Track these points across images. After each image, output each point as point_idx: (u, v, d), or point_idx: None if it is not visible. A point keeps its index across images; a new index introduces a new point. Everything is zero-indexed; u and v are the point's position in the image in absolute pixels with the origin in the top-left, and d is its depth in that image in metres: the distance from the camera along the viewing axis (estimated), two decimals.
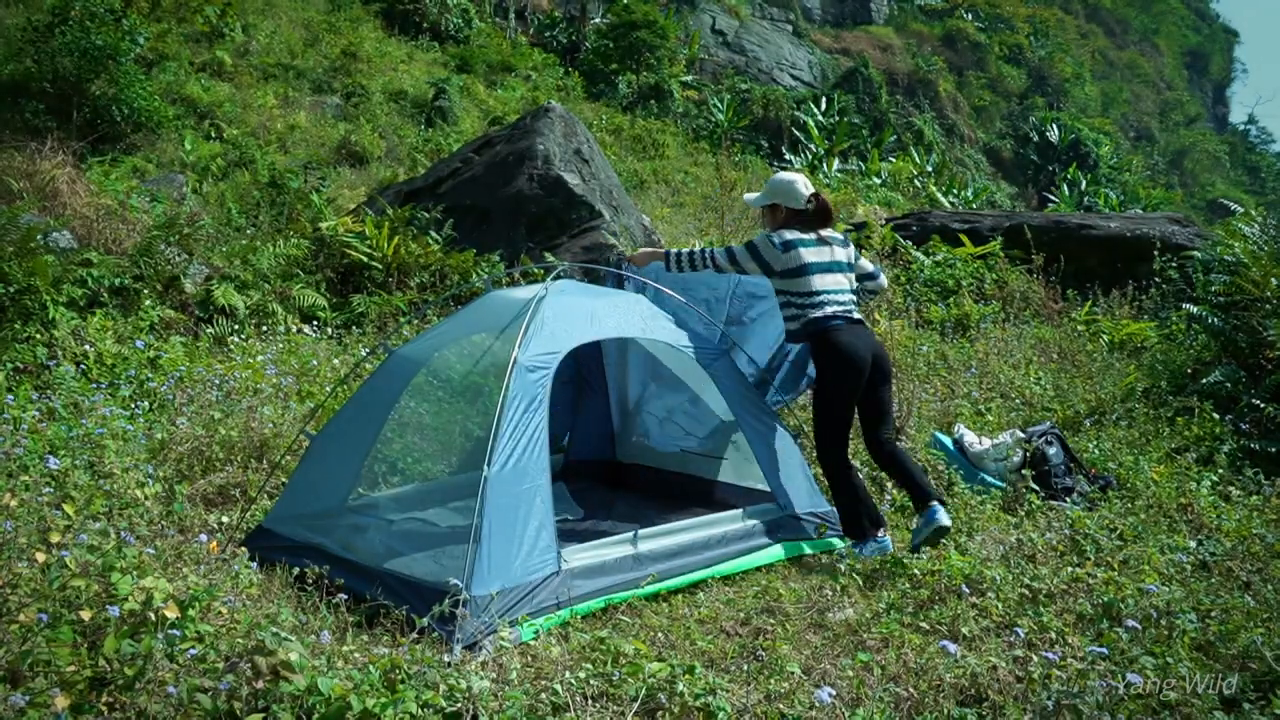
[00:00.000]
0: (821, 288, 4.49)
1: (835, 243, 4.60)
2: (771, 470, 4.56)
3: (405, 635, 3.02)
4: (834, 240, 4.61)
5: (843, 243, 4.66)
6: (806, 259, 4.49)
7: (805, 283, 4.49)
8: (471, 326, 4.40)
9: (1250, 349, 6.09)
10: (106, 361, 6.33)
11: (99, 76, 11.15)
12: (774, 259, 4.52)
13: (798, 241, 4.50)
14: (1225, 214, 20.23)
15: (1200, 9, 63.22)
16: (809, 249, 4.51)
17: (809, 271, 4.48)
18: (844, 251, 4.63)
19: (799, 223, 4.59)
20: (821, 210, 4.64)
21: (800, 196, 4.65)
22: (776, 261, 4.51)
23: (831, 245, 4.57)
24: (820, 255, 4.53)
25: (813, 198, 4.64)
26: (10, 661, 2.40)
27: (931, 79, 34.27)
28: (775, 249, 4.52)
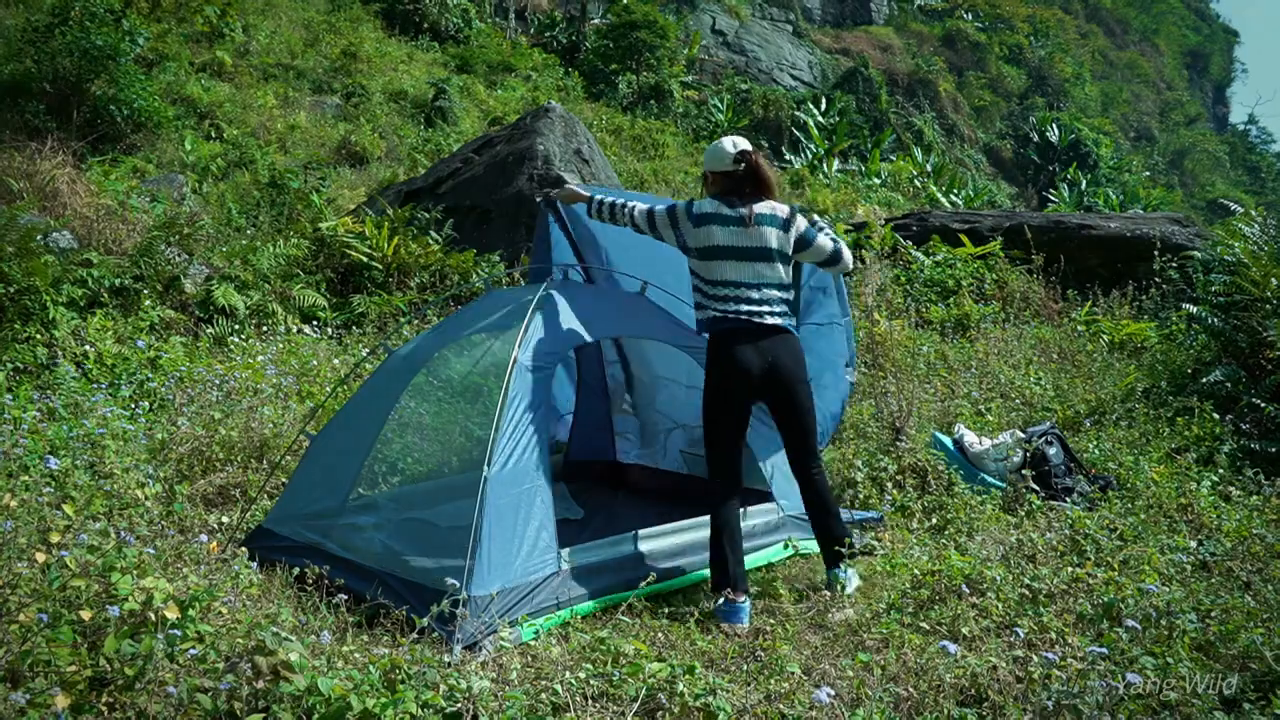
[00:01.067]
0: (730, 278, 3.73)
1: (768, 222, 3.74)
2: (771, 470, 4.55)
3: (405, 635, 3.02)
4: (766, 219, 3.75)
5: (782, 223, 3.77)
6: (717, 239, 3.73)
7: (712, 269, 3.75)
8: (471, 326, 4.40)
9: (1250, 349, 6.09)
10: (107, 362, 6.33)
11: (99, 76, 11.15)
12: (687, 232, 3.81)
13: (713, 216, 3.75)
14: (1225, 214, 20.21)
15: (1200, 9, 63.22)
16: (724, 228, 3.73)
17: (718, 255, 3.73)
18: (779, 235, 3.75)
19: (728, 190, 3.80)
20: (753, 174, 3.78)
21: (725, 156, 3.80)
22: (689, 235, 3.80)
23: (761, 226, 3.73)
24: (737, 238, 3.72)
25: (743, 157, 3.79)
26: (10, 661, 2.40)
27: (931, 79, 34.27)
28: (689, 219, 3.80)
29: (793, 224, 3.78)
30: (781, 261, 3.76)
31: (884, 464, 5.26)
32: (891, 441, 5.54)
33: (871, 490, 5.16)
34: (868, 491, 5.15)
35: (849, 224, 12.17)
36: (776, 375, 3.71)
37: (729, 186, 3.80)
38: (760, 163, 3.79)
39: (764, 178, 3.79)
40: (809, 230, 3.82)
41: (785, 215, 3.77)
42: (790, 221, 3.78)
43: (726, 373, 3.70)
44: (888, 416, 5.78)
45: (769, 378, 3.71)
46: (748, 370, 3.68)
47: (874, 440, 5.80)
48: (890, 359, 7.52)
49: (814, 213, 4.29)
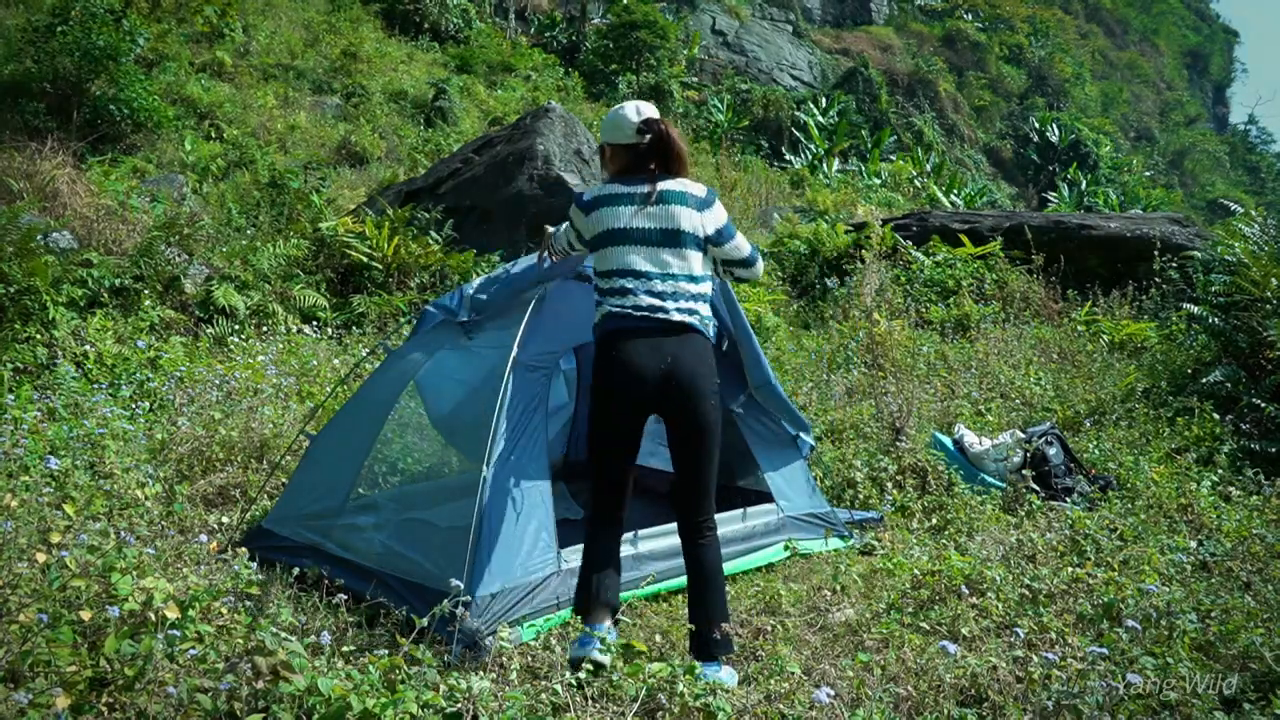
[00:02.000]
0: (626, 266, 3.07)
1: (677, 200, 3.09)
2: (771, 471, 4.55)
3: (405, 635, 3.02)
4: (676, 196, 3.10)
5: (698, 202, 3.12)
6: (611, 222, 3.10)
7: (607, 257, 3.12)
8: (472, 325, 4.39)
9: (1250, 349, 6.09)
10: (107, 362, 6.33)
11: (99, 77, 11.15)
12: (581, 226, 3.22)
13: (607, 198, 3.13)
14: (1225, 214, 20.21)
15: (1200, 9, 63.23)
16: (620, 208, 3.09)
17: (613, 240, 3.10)
18: (691, 216, 3.09)
19: (630, 167, 3.17)
20: (660, 145, 3.13)
21: (626, 126, 3.15)
22: (583, 228, 3.21)
23: (669, 205, 3.08)
24: (636, 219, 3.07)
25: (648, 126, 3.13)
26: (10, 661, 2.40)
27: (931, 79, 34.27)
28: (581, 210, 3.20)
29: (712, 206, 3.14)
30: (694, 248, 3.10)
31: (884, 464, 5.26)
32: (891, 441, 5.55)
33: (871, 490, 5.16)
34: (868, 491, 5.15)
35: (849, 224, 12.18)
36: (675, 382, 3.00)
37: (631, 162, 3.16)
38: (670, 132, 3.13)
39: (675, 150, 3.14)
40: (729, 224, 3.20)
41: (702, 195, 3.13)
42: (707, 204, 3.13)
43: (614, 380, 3.04)
44: (888, 416, 5.78)
45: (666, 385, 3.00)
46: (640, 376, 2.99)
47: (874, 440, 5.80)
48: (890, 359, 7.52)
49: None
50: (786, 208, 16.29)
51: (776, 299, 10.29)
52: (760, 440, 4.61)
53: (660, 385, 3.01)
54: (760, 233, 13.90)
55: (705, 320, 3.13)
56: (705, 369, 3.07)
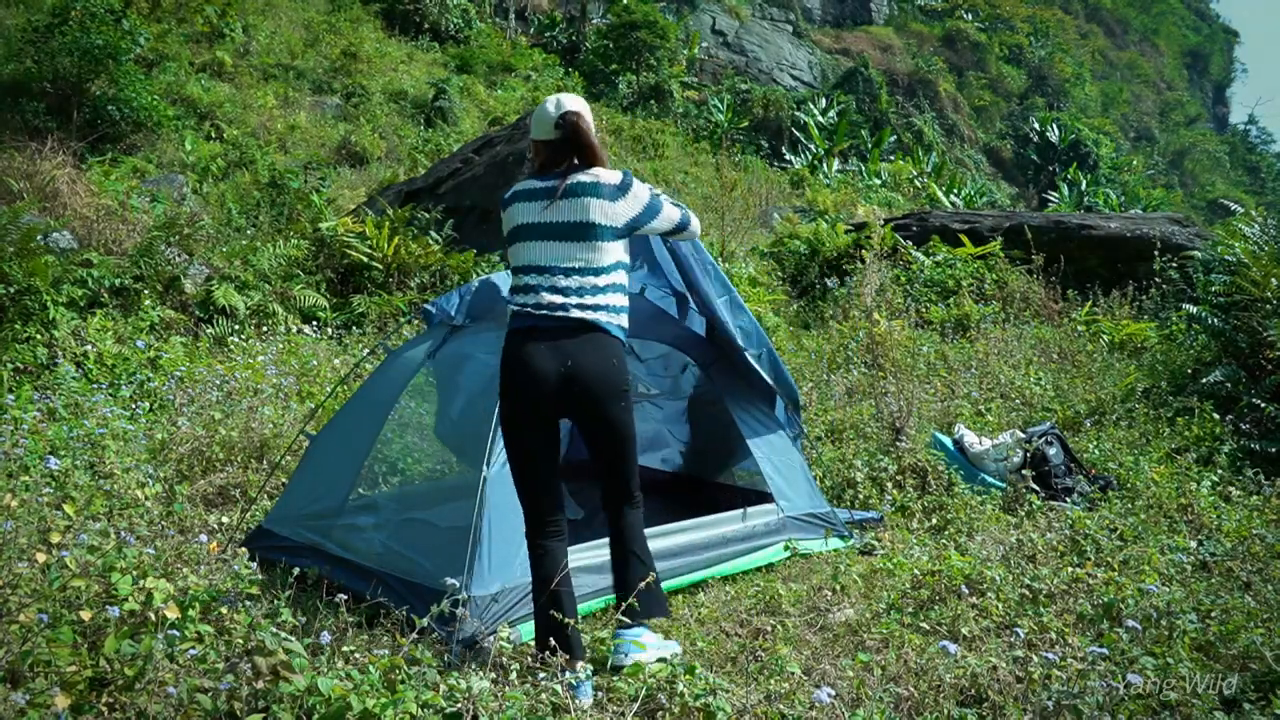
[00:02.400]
0: (531, 261, 3.02)
1: (587, 191, 2.99)
2: (771, 471, 4.55)
3: (405, 635, 3.02)
4: (585, 188, 3.00)
5: (610, 191, 3.02)
6: (520, 218, 3.05)
7: (516, 253, 3.08)
8: (471, 325, 4.39)
9: (1250, 349, 6.09)
10: (107, 362, 6.34)
11: (99, 77, 11.15)
12: (502, 223, 3.19)
13: (520, 194, 3.09)
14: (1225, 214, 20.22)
15: (1200, 9, 63.25)
16: (529, 204, 3.04)
17: (520, 236, 3.05)
18: (603, 206, 2.99)
19: (549, 162, 3.10)
20: (572, 138, 3.05)
21: (545, 121, 3.08)
22: (503, 225, 3.17)
23: (578, 198, 2.99)
24: (543, 213, 3.01)
25: (563, 121, 3.06)
26: (10, 661, 2.40)
27: (931, 79, 34.28)
28: (502, 208, 3.18)
29: (626, 193, 3.03)
30: (607, 238, 3.00)
31: (884, 464, 5.26)
32: (891, 441, 5.54)
33: (871, 490, 5.16)
34: (868, 491, 5.15)
35: (849, 224, 12.19)
36: (577, 384, 2.92)
37: (550, 157, 3.09)
38: (581, 125, 3.04)
39: (585, 143, 3.04)
40: (654, 198, 3.12)
41: (615, 182, 3.02)
42: (623, 189, 3.03)
43: (514, 382, 2.97)
44: (888, 416, 5.78)
45: (567, 388, 2.92)
46: (539, 379, 2.92)
47: (874, 440, 5.80)
48: (890, 359, 7.52)
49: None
50: (786, 208, 16.29)
51: (776, 299, 10.29)
52: (760, 440, 4.61)
53: (561, 388, 2.94)
54: (760, 233, 13.90)
55: (616, 312, 3.04)
56: (609, 367, 2.97)
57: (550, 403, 2.96)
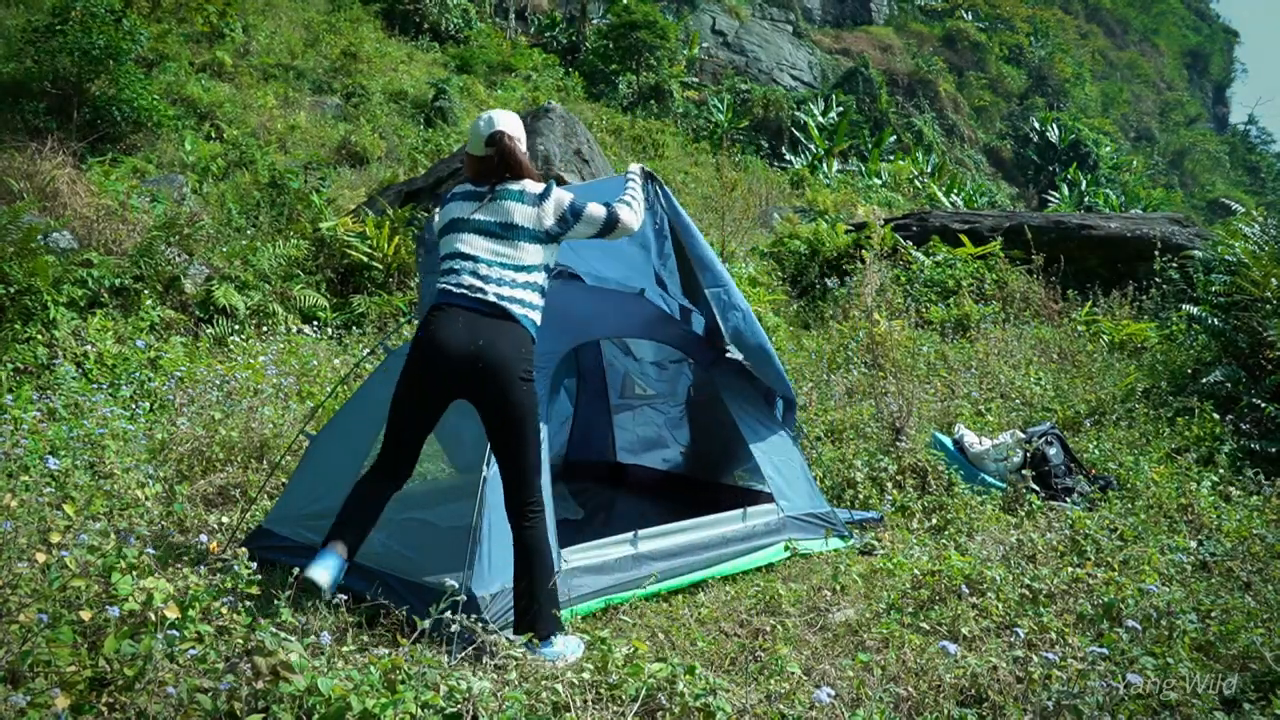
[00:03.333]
0: (457, 250, 3.28)
1: (513, 197, 3.27)
2: (771, 471, 4.55)
3: (405, 635, 3.02)
4: (512, 194, 3.28)
5: (533, 199, 3.27)
6: (452, 214, 3.35)
7: (444, 244, 3.36)
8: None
9: (1250, 349, 6.09)
10: (107, 362, 6.34)
11: (99, 77, 11.15)
12: (436, 219, 3.47)
13: (455, 195, 3.40)
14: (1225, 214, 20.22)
15: (1200, 9, 63.25)
16: (462, 203, 3.34)
17: (450, 229, 3.34)
18: (525, 210, 3.25)
19: (480, 176, 3.38)
20: (504, 160, 3.32)
21: (478, 138, 3.37)
22: (437, 221, 3.45)
23: (504, 201, 3.26)
24: (474, 211, 3.30)
25: (494, 140, 3.33)
26: (10, 661, 2.40)
27: (931, 79, 34.28)
28: (438, 207, 3.47)
29: (547, 199, 3.27)
30: (528, 240, 3.24)
31: (884, 464, 5.26)
32: (891, 441, 5.55)
33: (871, 490, 5.16)
34: (868, 491, 5.15)
35: (849, 224, 12.19)
36: (482, 364, 3.08)
37: (481, 171, 3.36)
38: (511, 146, 3.32)
39: (515, 163, 3.31)
40: (575, 201, 3.31)
41: (537, 192, 3.29)
42: (543, 197, 3.27)
43: (423, 350, 3.15)
44: (888, 416, 5.78)
45: (473, 366, 3.08)
46: (447, 352, 3.09)
47: (874, 440, 5.80)
48: (890, 359, 7.53)
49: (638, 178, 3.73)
50: (786, 208, 16.29)
51: (776, 299, 10.30)
52: (760, 440, 4.61)
53: (468, 365, 3.10)
54: (760, 233, 13.90)
55: (530, 306, 3.25)
56: (517, 355, 3.15)
57: (453, 377, 3.13)
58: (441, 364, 3.11)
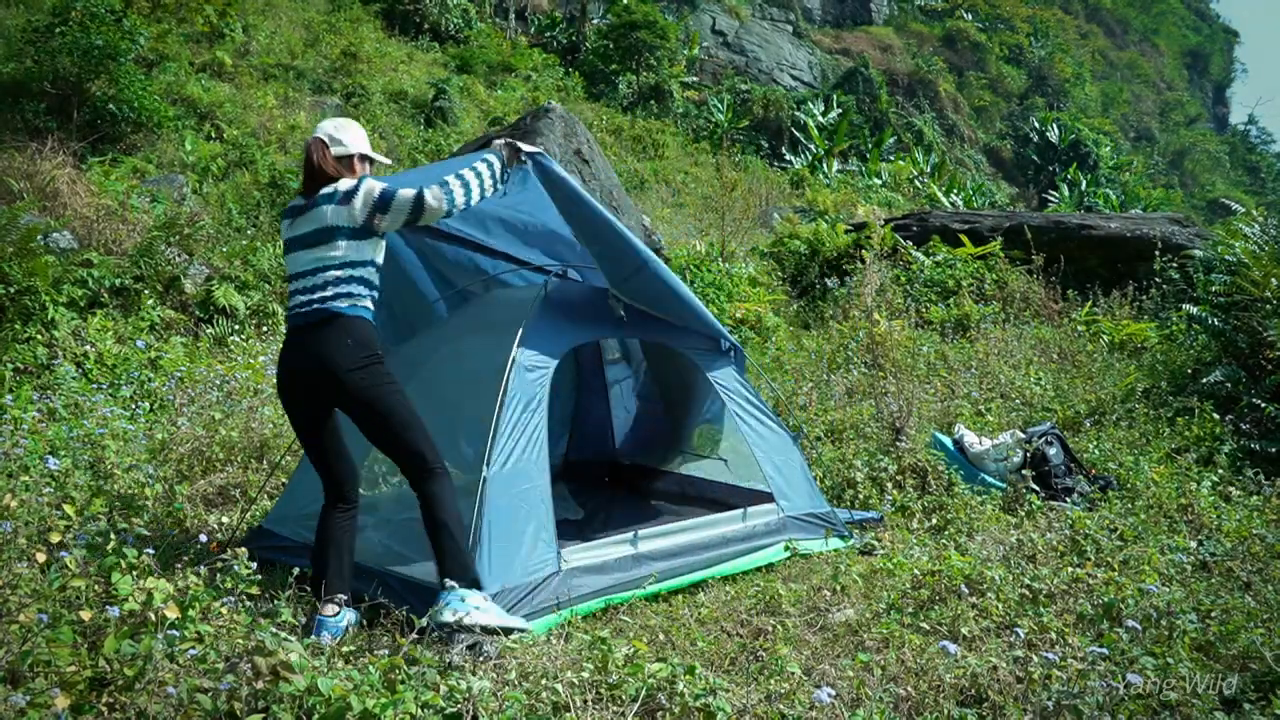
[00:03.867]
0: (293, 270, 3.35)
1: (324, 200, 3.29)
2: (772, 471, 4.55)
3: (405, 635, 3.02)
4: (324, 198, 3.30)
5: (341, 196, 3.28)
6: (284, 234, 3.43)
7: (287, 265, 3.42)
8: (471, 326, 4.40)
9: (1250, 349, 6.09)
10: (107, 362, 6.33)
11: (99, 77, 11.13)
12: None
13: (287, 210, 3.44)
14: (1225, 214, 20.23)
15: (1200, 9, 63.25)
16: (289, 221, 3.40)
17: (287, 250, 3.41)
18: (335, 209, 3.27)
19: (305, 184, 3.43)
20: (308, 167, 3.38)
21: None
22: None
23: (318, 207, 3.29)
24: (297, 227, 3.34)
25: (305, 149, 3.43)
26: (10, 661, 2.40)
27: (931, 79, 34.27)
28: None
29: (356, 194, 3.27)
30: (347, 237, 3.27)
31: (884, 464, 5.26)
32: (891, 441, 5.55)
33: (871, 490, 5.16)
34: (868, 491, 5.15)
35: (849, 224, 12.19)
36: (322, 376, 3.21)
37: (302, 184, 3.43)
38: (309, 153, 3.37)
39: (314, 170, 3.35)
40: (385, 191, 3.28)
41: (346, 188, 3.29)
42: (353, 193, 3.27)
43: (278, 381, 3.38)
44: (888, 416, 5.78)
45: (315, 381, 3.24)
46: (291, 373, 3.29)
47: (874, 440, 5.80)
48: (890, 359, 7.52)
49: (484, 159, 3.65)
50: (786, 208, 16.29)
51: (776, 299, 10.29)
52: (761, 440, 4.61)
53: (311, 382, 3.26)
54: (760, 233, 13.90)
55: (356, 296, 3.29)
56: (346, 348, 3.23)
57: (306, 394, 3.29)
58: (294, 387, 3.31)
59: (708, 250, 11.19)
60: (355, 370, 3.20)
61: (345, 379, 3.19)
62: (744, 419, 4.61)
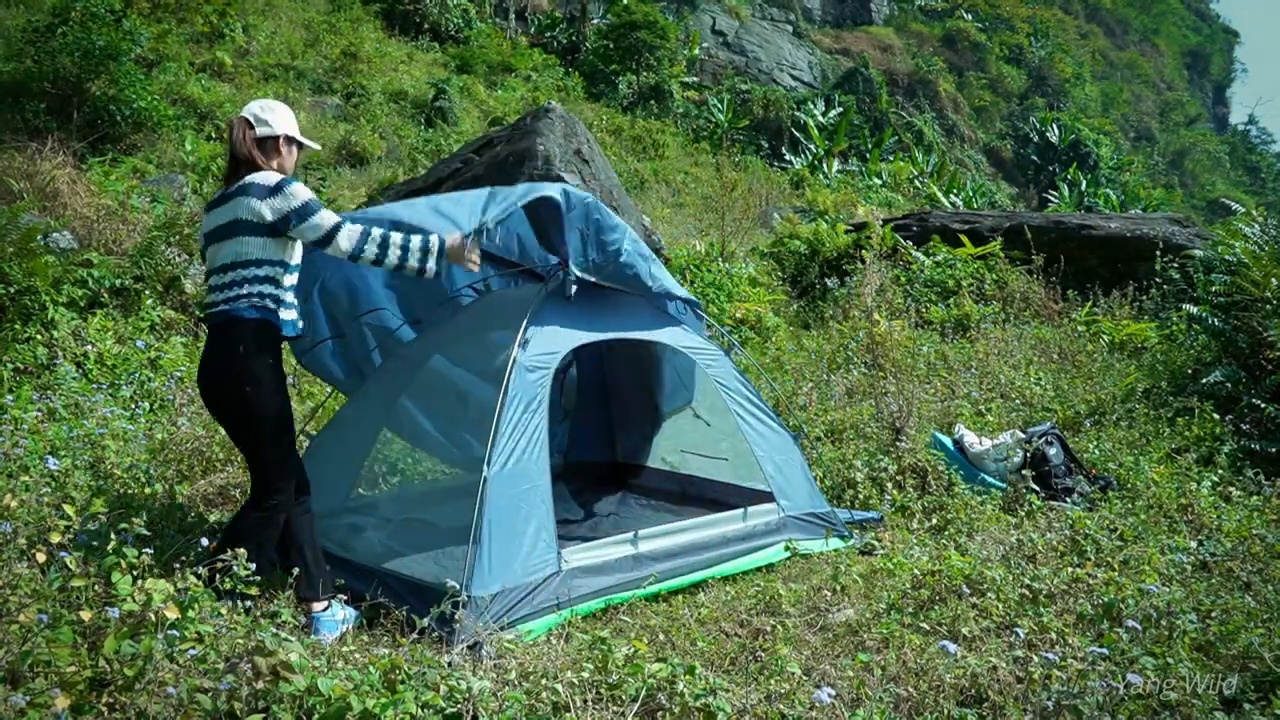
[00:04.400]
0: (208, 267, 3.29)
1: (242, 192, 3.16)
2: (772, 470, 4.55)
3: (405, 635, 3.02)
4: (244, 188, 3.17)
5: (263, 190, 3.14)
6: (201, 229, 3.34)
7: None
8: (471, 327, 4.40)
9: (1250, 349, 6.09)
10: (107, 362, 6.33)
11: (99, 77, 11.13)
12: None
13: (207, 204, 3.35)
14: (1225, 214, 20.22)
15: (1200, 9, 63.27)
16: (207, 214, 3.30)
17: (204, 244, 3.33)
18: (252, 203, 3.13)
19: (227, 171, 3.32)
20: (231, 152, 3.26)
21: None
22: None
23: (235, 198, 3.17)
24: (213, 220, 3.24)
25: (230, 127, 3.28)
26: (10, 662, 2.40)
27: (931, 79, 34.28)
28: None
29: (279, 192, 3.12)
30: (259, 234, 3.14)
31: (884, 464, 5.26)
32: (891, 441, 5.54)
33: (871, 490, 5.16)
34: (868, 491, 5.15)
35: (849, 224, 12.19)
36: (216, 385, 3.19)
37: (228, 164, 3.30)
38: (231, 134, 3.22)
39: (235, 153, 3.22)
40: (310, 204, 3.14)
41: (269, 184, 3.14)
42: (276, 190, 3.13)
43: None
44: (888, 416, 5.78)
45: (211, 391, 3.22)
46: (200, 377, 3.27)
47: (874, 440, 5.80)
48: (890, 359, 7.52)
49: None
50: (786, 208, 16.28)
51: (776, 299, 10.29)
52: (762, 440, 4.61)
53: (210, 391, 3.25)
54: (760, 233, 13.90)
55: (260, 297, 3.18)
56: (232, 355, 3.16)
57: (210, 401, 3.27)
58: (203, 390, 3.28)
59: (708, 250, 11.19)
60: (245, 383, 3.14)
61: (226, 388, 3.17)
62: (744, 418, 4.61)
